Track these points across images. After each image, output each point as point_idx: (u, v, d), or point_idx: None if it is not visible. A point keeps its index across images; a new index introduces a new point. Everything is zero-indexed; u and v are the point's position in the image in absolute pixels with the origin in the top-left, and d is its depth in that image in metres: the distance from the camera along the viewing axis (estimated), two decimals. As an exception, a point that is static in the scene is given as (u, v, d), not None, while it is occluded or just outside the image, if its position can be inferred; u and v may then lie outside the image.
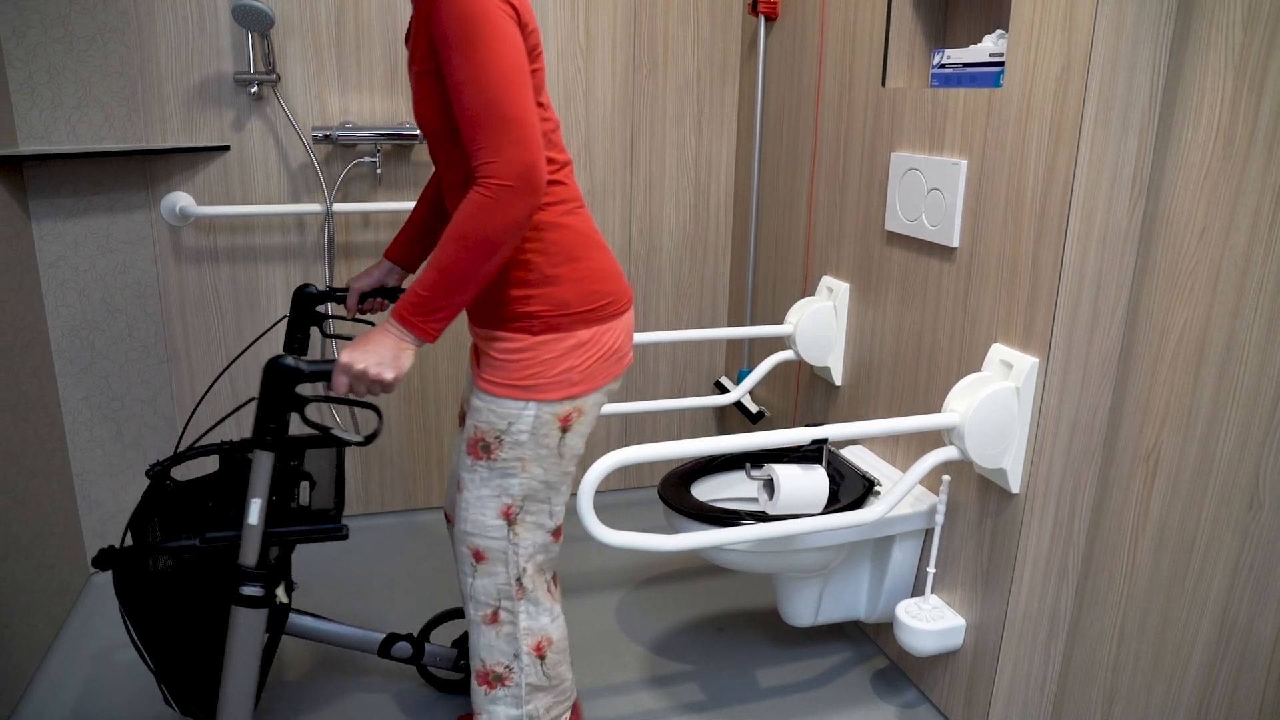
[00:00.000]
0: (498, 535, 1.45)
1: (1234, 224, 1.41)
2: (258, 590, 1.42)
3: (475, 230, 1.22)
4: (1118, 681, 1.68)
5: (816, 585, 1.97)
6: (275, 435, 1.34)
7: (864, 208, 2.10)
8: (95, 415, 2.33)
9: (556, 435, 1.43)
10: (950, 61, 1.81)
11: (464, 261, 1.23)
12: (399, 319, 1.27)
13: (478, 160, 1.22)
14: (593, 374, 1.43)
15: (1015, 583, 1.71)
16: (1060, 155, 1.53)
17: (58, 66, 2.12)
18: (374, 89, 2.46)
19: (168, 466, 1.54)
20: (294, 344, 1.75)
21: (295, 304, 1.73)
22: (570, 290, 1.40)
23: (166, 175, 2.37)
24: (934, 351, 1.89)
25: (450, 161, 1.39)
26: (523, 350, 1.39)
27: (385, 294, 1.75)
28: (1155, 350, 1.56)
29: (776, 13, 2.48)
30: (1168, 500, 1.56)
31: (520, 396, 1.39)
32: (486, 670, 1.53)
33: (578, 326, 1.40)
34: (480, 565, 1.48)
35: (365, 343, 1.27)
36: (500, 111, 1.20)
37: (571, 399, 1.42)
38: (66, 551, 2.23)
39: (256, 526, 1.40)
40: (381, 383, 1.27)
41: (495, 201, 1.21)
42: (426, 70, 1.30)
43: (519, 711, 1.55)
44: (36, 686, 1.96)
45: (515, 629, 1.51)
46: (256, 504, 1.39)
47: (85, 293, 2.26)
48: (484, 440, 1.43)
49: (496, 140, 1.20)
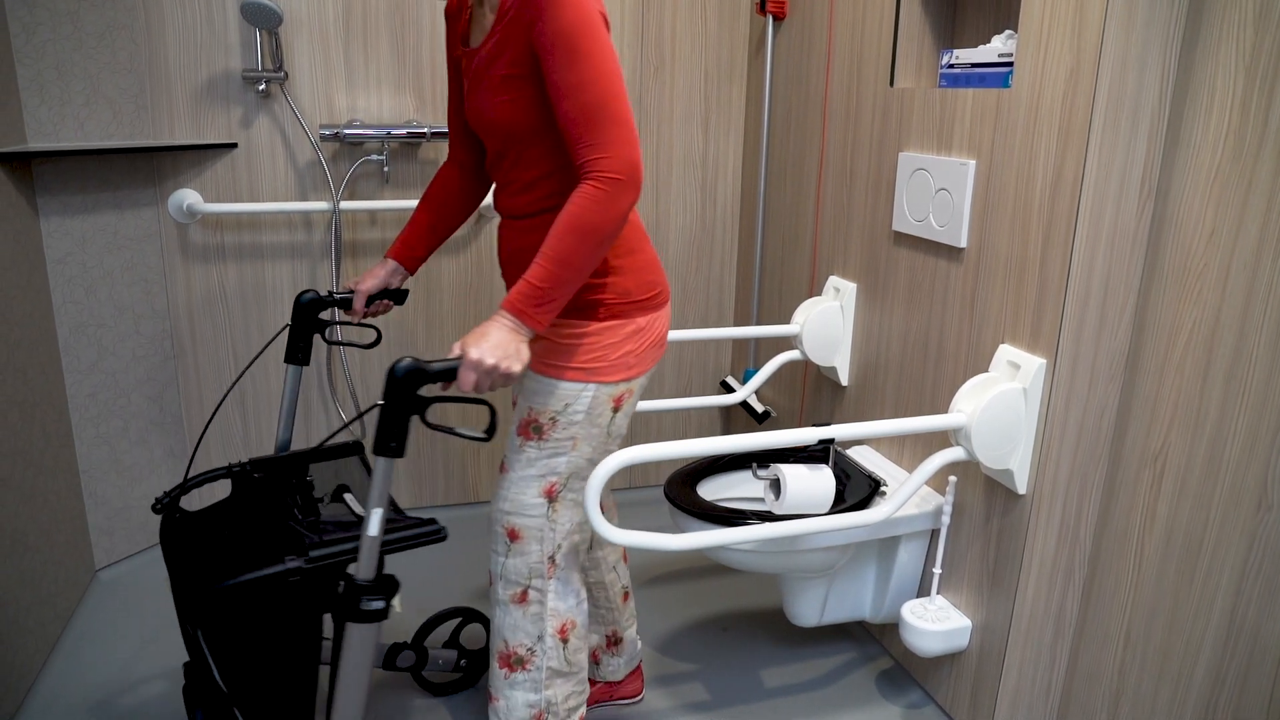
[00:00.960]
0: (536, 513, 1.50)
1: (1243, 225, 1.41)
2: (379, 604, 1.36)
3: (590, 222, 1.30)
4: (1124, 684, 1.67)
5: (822, 585, 1.96)
6: (400, 440, 1.30)
7: (871, 208, 2.10)
8: (102, 412, 2.33)
9: (609, 415, 1.51)
10: (959, 61, 1.81)
11: (579, 252, 1.31)
12: (513, 311, 1.31)
13: (588, 157, 1.31)
14: (644, 358, 1.52)
15: (1021, 584, 1.71)
16: (1069, 156, 1.52)
17: (66, 63, 2.13)
18: (382, 87, 2.46)
19: (175, 497, 1.48)
20: (297, 353, 1.72)
21: (297, 312, 1.70)
22: (631, 280, 1.48)
23: (174, 172, 2.38)
24: (941, 352, 1.89)
25: (524, 160, 1.44)
26: (587, 335, 1.46)
27: (391, 295, 1.73)
28: (1163, 352, 1.56)
29: (785, 12, 2.47)
30: (1175, 502, 1.55)
31: (581, 379, 1.46)
32: (509, 652, 1.56)
33: (636, 314, 1.49)
34: (514, 544, 1.52)
35: (483, 338, 1.30)
36: (609, 113, 1.30)
37: (626, 381, 1.50)
38: (73, 547, 2.23)
39: (376, 538, 1.35)
40: (509, 376, 1.31)
41: (608, 195, 1.30)
42: (517, 74, 1.36)
43: (538, 696, 1.57)
44: (43, 681, 1.97)
45: (543, 609, 1.55)
46: (378, 514, 1.33)
47: (92, 289, 2.27)
48: (536, 421, 1.48)
49: (606, 138, 1.30)
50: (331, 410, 2.65)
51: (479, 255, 2.65)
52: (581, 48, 1.29)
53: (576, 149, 1.32)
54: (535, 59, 1.34)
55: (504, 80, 1.38)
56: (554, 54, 1.30)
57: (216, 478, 1.58)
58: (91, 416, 2.31)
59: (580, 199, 1.30)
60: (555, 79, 1.31)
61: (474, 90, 1.45)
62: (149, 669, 2.03)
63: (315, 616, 1.43)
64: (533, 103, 1.38)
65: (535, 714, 1.57)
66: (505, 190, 1.50)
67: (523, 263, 1.51)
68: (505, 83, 1.38)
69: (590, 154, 1.30)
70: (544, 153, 1.42)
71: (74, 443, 2.28)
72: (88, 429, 2.31)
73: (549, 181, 1.44)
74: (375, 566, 1.37)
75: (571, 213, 1.30)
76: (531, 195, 1.46)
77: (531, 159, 1.43)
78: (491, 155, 1.51)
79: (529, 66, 1.35)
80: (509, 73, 1.37)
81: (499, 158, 1.49)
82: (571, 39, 1.28)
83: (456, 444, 2.78)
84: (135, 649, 2.10)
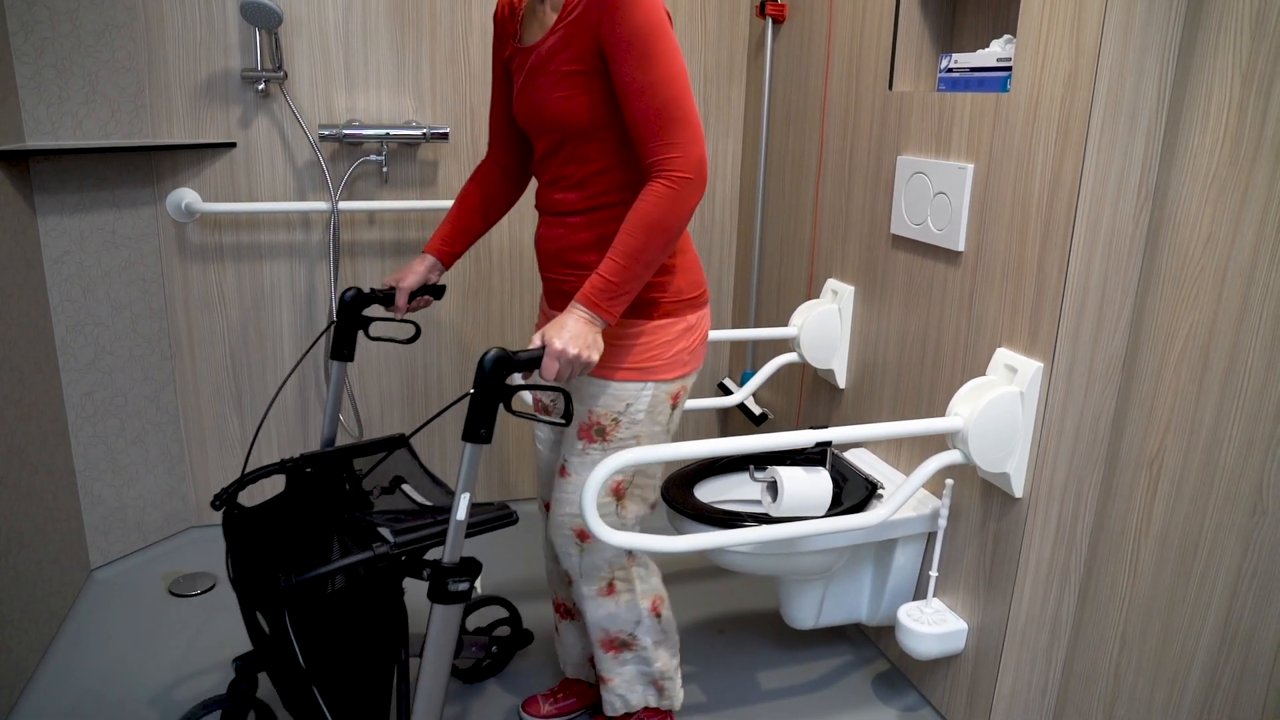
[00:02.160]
0: (605, 512, 1.56)
1: (1240, 230, 1.41)
2: (464, 585, 1.42)
3: (660, 219, 1.34)
4: (1119, 687, 1.68)
5: (819, 588, 1.97)
6: (488, 428, 1.35)
7: (870, 211, 2.11)
8: (98, 411, 2.33)
9: (668, 412, 1.56)
10: (957, 65, 1.81)
11: (649, 248, 1.35)
12: (587, 304, 1.36)
13: (658, 156, 1.35)
14: (696, 355, 1.57)
15: (1017, 587, 1.71)
16: (1067, 160, 1.53)
17: (65, 62, 2.13)
18: (381, 88, 2.46)
19: (233, 493, 1.51)
20: (342, 349, 1.74)
21: (341, 309, 1.72)
22: (682, 279, 1.53)
23: (172, 171, 2.37)
24: (938, 355, 1.89)
25: (578, 156, 1.46)
26: (641, 335, 1.50)
27: (430, 291, 1.77)
28: (1160, 356, 1.56)
29: (784, 15, 2.48)
30: (1171, 506, 1.56)
31: (639, 378, 1.51)
32: (611, 638, 1.65)
33: (686, 311, 1.53)
34: (585, 543, 1.58)
35: (562, 330, 1.34)
36: (678, 112, 1.34)
37: (681, 378, 1.55)
38: (69, 547, 2.23)
39: (463, 522, 1.40)
40: (588, 364, 1.37)
41: (677, 193, 1.34)
42: (579, 70, 1.39)
43: (650, 669, 1.68)
44: (37, 681, 1.96)
45: (634, 594, 1.63)
46: (466, 499, 1.38)
47: (90, 288, 2.26)
48: (599, 424, 1.52)
49: (675, 138, 1.34)
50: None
51: (477, 258, 2.65)
52: (653, 49, 1.32)
53: (646, 147, 1.36)
54: (599, 56, 1.37)
55: (565, 76, 1.41)
56: (625, 55, 1.33)
57: (270, 473, 1.63)
58: (88, 415, 2.31)
59: (650, 196, 1.34)
60: (626, 79, 1.34)
61: (528, 86, 1.47)
62: (143, 668, 2.03)
63: (399, 600, 1.46)
64: (593, 99, 1.40)
65: (653, 681, 1.69)
66: (555, 187, 1.51)
67: (568, 260, 1.53)
68: (566, 78, 1.41)
69: (661, 153, 1.34)
70: (599, 149, 1.45)
71: (70, 442, 2.28)
72: (84, 428, 2.30)
73: (603, 178, 1.46)
74: (460, 549, 1.42)
75: (642, 209, 1.34)
76: (584, 192, 1.48)
77: (586, 155, 1.46)
78: (541, 152, 1.52)
79: (592, 63, 1.38)
80: (571, 68, 1.40)
81: (549, 154, 1.50)
82: (643, 40, 1.32)
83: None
84: (130, 648, 2.09)
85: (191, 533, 2.62)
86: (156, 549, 2.53)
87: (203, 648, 2.11)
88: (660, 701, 1.71)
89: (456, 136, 2.54)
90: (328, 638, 1.40)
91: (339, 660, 1.42)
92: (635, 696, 1.70)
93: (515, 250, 2.67)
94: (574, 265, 1.52)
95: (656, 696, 1.71)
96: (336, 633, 1.41)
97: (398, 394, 2.70)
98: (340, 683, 1.43)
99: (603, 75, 1.39)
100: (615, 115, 1.42)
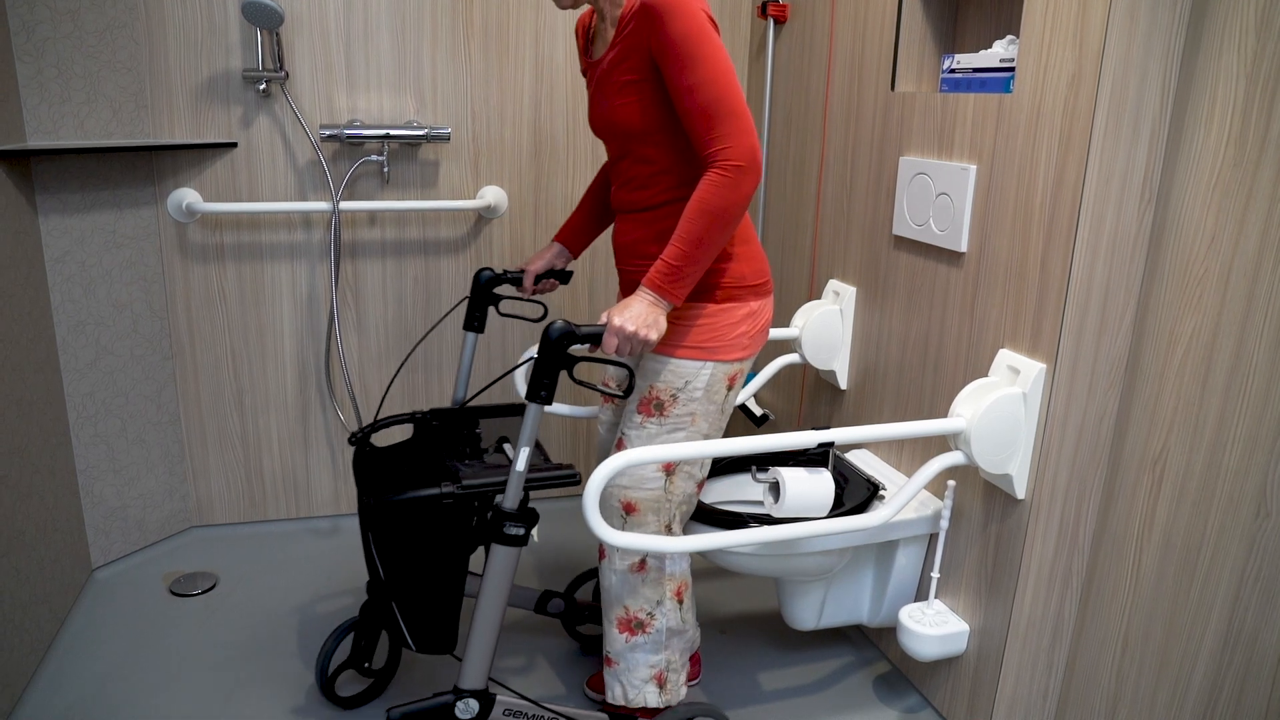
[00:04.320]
0: (654, 487, 1.62)
1: (1244, 231, 1.41)
2: (519, 530, 1.55)
3: (716, 205, 1.43)
4: (1121, 689, 1.68)
5: (820, 589, 1.96)
6: (548, 390, 1.48)
7: (871, 211, 2.10)
8: (99, 411, 2.33)
9: (724, 393, 1.63)
10: (960, 66, 1.81)
11: (709, 232, 1.44)
12: (653, 287, 1.47)
13: (713, 148, 1.44)
14: (755, 340, 1.64)
15: (1019, 588, 1.71)
16: (1070, 161, 1.52)
17: (66, 62, 2.12)
18: (382, 88, 2.46)
19: (368, 433, 1.74)
20: (474, 322, 1.93)
21: (476, 287, 1.91)
22: (746, 266, 1.61)
23: (174, 171, 2.37)
24: (940, 356, 1.89)
25: (641, 158, 1.58)
26: (702, 316, 1.59)
27: (556, 276, 1.94)
28: (1163, 357, 1.56)
29: (786, 16, 2.47)
30: (1174, 508, 1.55)
31: (700, 357, 1.59)
32: (629, 617, 1.69)
33: (749, 297, 1.61)
34: (630, 516, 1.64)
35: (626, 309, 1.46)
36: (726, 107, 1.43)
37: (739, 360, 1.62)
38: (70, 547, 2.23)
39: (522, 473, 1.53)
40: (646, 342, 1.46)
41: (731, 180, 1.43)
42: (636, 79, 1.52)
43: (658, 657, 1.70)
44: (38, 680, 1.96)
45: (661, 574, 1.68)
46: (525, 452, 1.51)
47: (91, 288, 2.26)
48: (658, 399, 1.60)
49: (726, 130, 1.43)
50: (329, 408, 2.65)
51: (476, 256, 2.65)
52: (697, 52, 1.42)
53: (701, 142, 1.45)
54: (652, 66, 1.50)
55: (624, 85, 1.53)
56: (674, 61, 1.44)
57: (402, 421, 1.83)
58: (89, 415, 2.31)
59: (707, 185, 1.44)
60: (675, 82, 1.45)
61: (597, 96, 1.61)
62: (144, 668, 2.03)
63: (463, 535, 1.62)
64: (650, 104, 1.53)
65: (655, 674, 1.71)
66: (625, 187, 1.64)
67: (639, 252, 1.65)
68: (625, 88, 1.53)
69: (713, 145, 1.44)
70: (657, 151, 1.56)
71: (71, 441, 2.28)
72: (85, 428, 2.30)
73: (665, 177, 1.58)
74: (519, 498, 1.54)
75: (700, 198, 1.44)
76: (649, 191, 1.60)
77: (648, 156, 1.58)
78: (612, 156, 1.66)
79: (646, 72, 1.51)
80: (629, 78, 1.52)
81: (619, 158, 1.64)
82: (689, 45, 1.43)
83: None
84: (130, 648, 2.09)
85: (192, 532, 2.62)
86: (157, 549, 2.53)
87: (205, 645, 2.11)
88: (660, 698, 1.72)
89: (458, 137, 2.54)
90: (406, 559, 1.61)
91: (414, 580, 1.62)
92: (634, 691, 1.71)
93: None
94: (645, 257, 1.64)
95: (657, 693, 1.71)
96: (413, 556, 1.61)
97: (397, 389, 2.70)
98: (414, 599, 1.63)
99: (655, 82, 1.51)
100: (669, 119, 1.53)
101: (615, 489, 1.63)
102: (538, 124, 2.60)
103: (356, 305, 2.60)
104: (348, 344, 2.62)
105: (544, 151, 2.62)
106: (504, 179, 2.61)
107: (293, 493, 2.70)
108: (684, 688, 1.75)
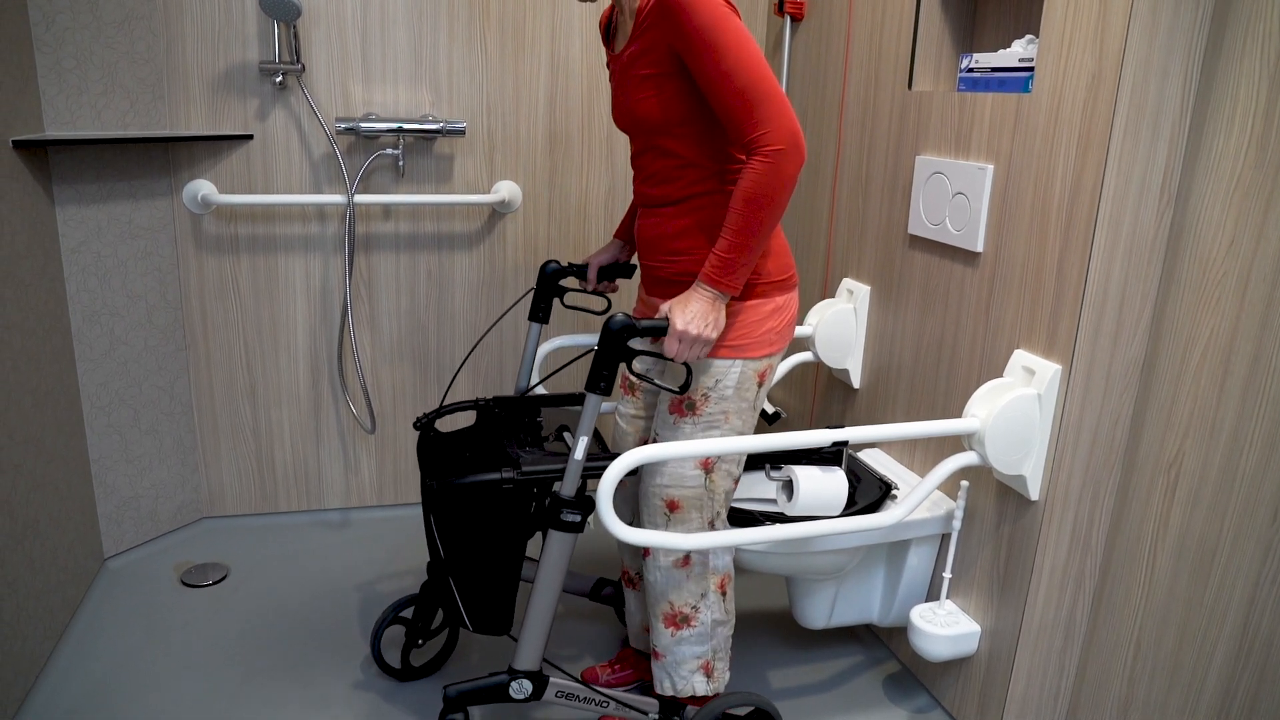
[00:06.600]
0: (695, 484, 1.62)
1: (1264, 235, 1.40)
2: (576, 517, 1.58)
3: (761, 192, 1.41)
4: (1133, 692, 1.67)
5: (831, 587, 1.96)
6: (607, 382, 1.50)
7: (887, 210, 2.10)
8: (113, 401, 2.34)
9: (754, 389, 1.62)
10: (978, 65, 1.80)
11: (757, 220, 1.43)
12: (709, 282, 1.46)
13: (750, 135, 1.41)
14: (783, 335, 1.63)
15: (1032, 590, 1.70)
16: (1089, 162, 1.52)
17: (85, 52, 2.13)
18: (398, 81, 2.46)
19: (432, 419, 1.78)
20: (539, 313, 1.96)
21: (541, 279, 1.94)
22: (771, 261, 1.59)
23: (189, 163, 2.38)
24: (954, 356, 1.88)
25: (664, 152, 1.57)
26: (732, 314, 1.57)
27: (619, 269, 1.96)
28: (1180, 360, 1.55)
29: (803, 13, 2.47)
30: (1189, 511, 1.55)
31: (729, 355, 1.57)
32: (675, 612, 1.69)
33: (775, 293, 1.60)
34: (674, 514, 1.64)
35: (686, 307, 1.46)
36: (759, 92, 1.40)
37: (768, 356, 1.61)
38: (82, 536, 2.24)
39: (580, 461, 1.55)
40: (708, 343, 1.47)
41: (773, 165, 1.40)
42: (657, 73, 1.50)
43: (704, 648, 1.71)
44: (50, 669, 1.97)
45: (705, 569, 1.68)
46: (584, 441, 1.53)
47: (106, 278, 2.27)
48: (690, 399, 1.60)
49: (762, 114, 1.40)
50: (341, 402, 2.65)
51: (490, 251, 2.65)
52: (720, 40, 1.40)
53: (739, 130, 1.42)
54: (675, 58, 1.47)
55: (644, 79, 1.52)
56: (698, 51, 1.41)
57: (466, 408, 1.85)
58: (103, 405, 2.32)
59: (750, 174, 1.42)
60: (703, 73, 1.42)
61: (619, 90, 1.60)
62: (155, 658, 2.03)
63: (521, 520, 1.65)
64: (670, 97, 1.51)
65: (702, 664, 1.71)
66: (648, 181, 1.63)
67: (664, 248, 1.64)
68: (645, 81, 1.52)
69: (752, 131, 1.41)
70: (679, 145, 1.55)
71: (85, 431, 2.29)
72: (99, 418, 2.31)
73: (688, 171, 1.56)
74: (577, 486, 1.57)
75: (744, 187, 1.42)
76: (673, 185, 1.59)
77: (670, 150, 1.56)
78: (635, 150, 1.64)
79: (668, 65, 1.49)
80: (649, 72, 1.51)
81: (641, 152, 1.62)
82: (710, 33, 1.40)
83: None
84: (142, 638, 2.10)
85: (204, 523, 2.63)
86: (169, 539, 2.54)
87: (216, 636, 2.12)
88: (708, 686, 1.73)
89: (473, 131, 2.54)
90: (465, 541, 1.64)
91: (472, 561, 1.65)
92: (683, 681, 1.72)
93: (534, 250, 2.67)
94: (669, 252, 1.63)
95: (705, 681, 1.73)
96: (472, 538, 1.64)
97: (409, 384, 2.70)
98: (472, 580, 1.66)
99: (676, 76, 1.49)
100: (690, 112, 1.51)
101: (657, 488, 1.63)
102: (553, 119, 2.60)
103: (370, 298, 2.60)
104: (360, 337, 2.62)
105: (559, 147, 2.62)
106: (518, 174, 2.62)
107: (304, 485, 2.71)
108: (728, 673, 1.77)
